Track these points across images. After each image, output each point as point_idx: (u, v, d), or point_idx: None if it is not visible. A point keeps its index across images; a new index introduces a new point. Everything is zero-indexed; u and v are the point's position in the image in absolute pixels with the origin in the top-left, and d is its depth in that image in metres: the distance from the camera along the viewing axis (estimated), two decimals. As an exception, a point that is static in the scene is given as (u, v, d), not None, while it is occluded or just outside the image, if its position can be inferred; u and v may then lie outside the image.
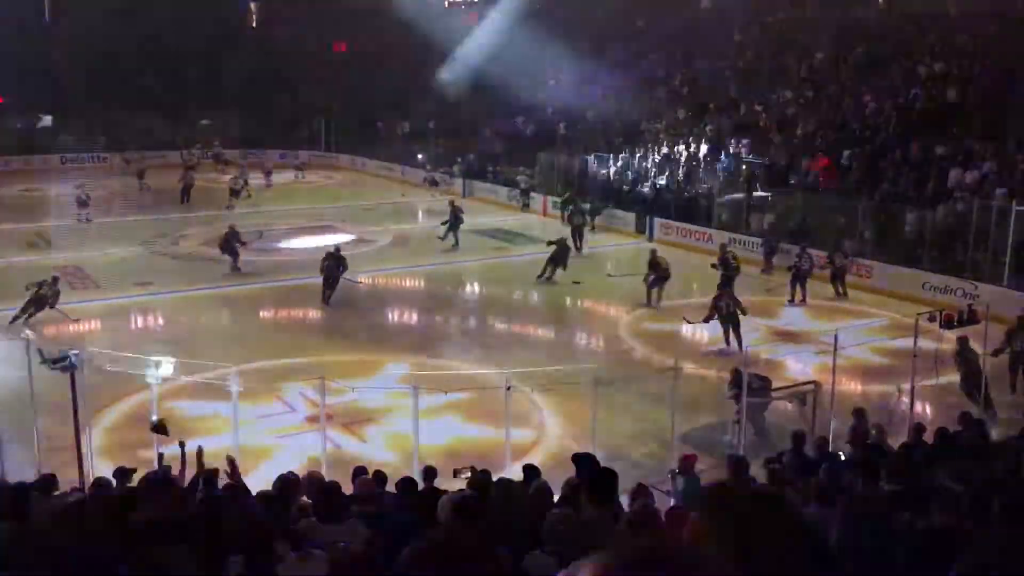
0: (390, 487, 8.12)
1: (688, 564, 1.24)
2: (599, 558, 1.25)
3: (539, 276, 21.31)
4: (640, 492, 6.82)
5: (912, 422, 11.39)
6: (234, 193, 31.88)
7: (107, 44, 45.18)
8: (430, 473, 8.63)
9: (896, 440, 10.56)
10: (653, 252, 20.42)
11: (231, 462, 8.25)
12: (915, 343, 12.70)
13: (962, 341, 13.58)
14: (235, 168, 36.68)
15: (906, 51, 29.27)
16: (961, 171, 22.30)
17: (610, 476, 5.14)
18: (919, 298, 18.81)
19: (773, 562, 1.48)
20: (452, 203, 26.43)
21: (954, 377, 13.61)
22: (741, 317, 16.45)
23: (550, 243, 21.64)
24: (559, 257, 21.41)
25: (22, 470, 9.50)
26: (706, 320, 16.68)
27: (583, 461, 7.33)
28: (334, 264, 19.28)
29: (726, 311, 16.47)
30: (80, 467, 10.37)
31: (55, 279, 18.00)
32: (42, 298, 17.53)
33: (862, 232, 22.55)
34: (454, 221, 25.22)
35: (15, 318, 17.09)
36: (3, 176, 36.34)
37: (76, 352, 10.64)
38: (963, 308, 14.22)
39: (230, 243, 21.74)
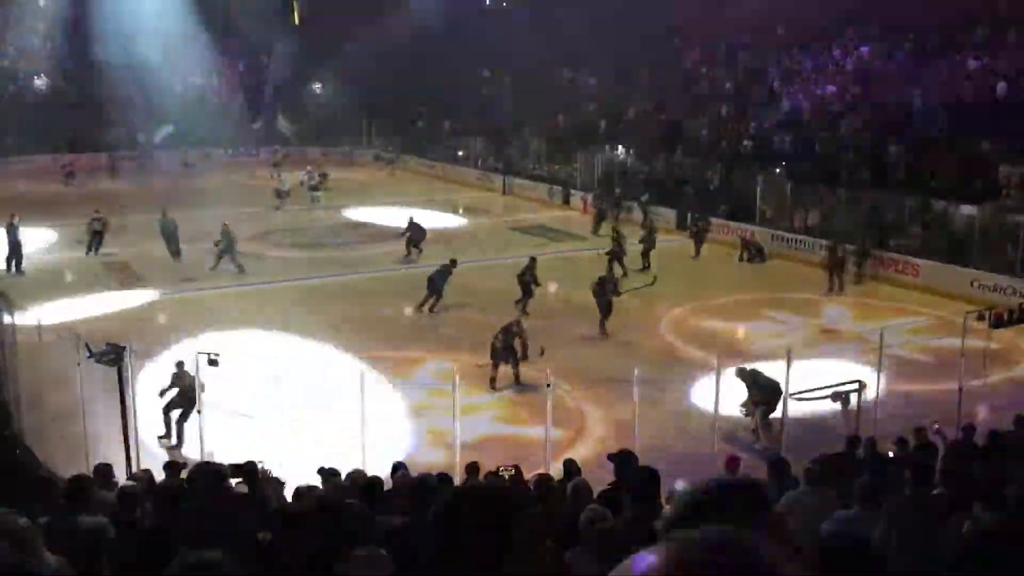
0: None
1: (755, 555, 1.21)
2: (667, 545, 1.22)
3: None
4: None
5: (961, 422, 11.17)
6: (313, 188, 31.94)
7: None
8: (472, 469, 8.67)
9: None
10: None
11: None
12: (963, 342, 12.48)
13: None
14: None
15: (955, 45, 28.64)
16: (1011, 167, 21.82)
17: (652, 475, 5.08)
18: (968, 296, 18.46)
19: None
20: (224, 225, 22.52)
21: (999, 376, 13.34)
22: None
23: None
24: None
25: (71, 463, 9.70)
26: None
27: (622, 460, 7.30)
28: (530, 278, 19.07)
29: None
30: (128, 460, 10.57)
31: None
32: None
33: (909, 229, 22.18)
34: (228, 244, 22.00)
35: None
36: (53, 172, 36.81)
37: (123, 346, 10.85)
38: (1013, 306, 13.94)
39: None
